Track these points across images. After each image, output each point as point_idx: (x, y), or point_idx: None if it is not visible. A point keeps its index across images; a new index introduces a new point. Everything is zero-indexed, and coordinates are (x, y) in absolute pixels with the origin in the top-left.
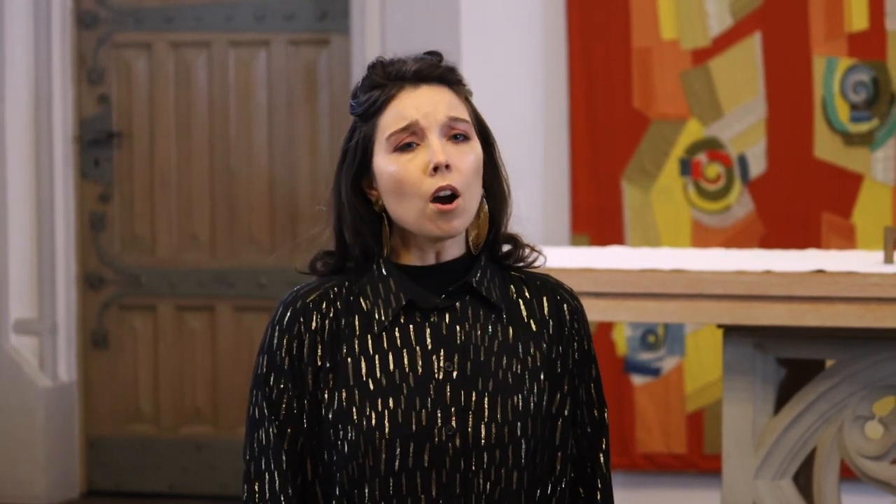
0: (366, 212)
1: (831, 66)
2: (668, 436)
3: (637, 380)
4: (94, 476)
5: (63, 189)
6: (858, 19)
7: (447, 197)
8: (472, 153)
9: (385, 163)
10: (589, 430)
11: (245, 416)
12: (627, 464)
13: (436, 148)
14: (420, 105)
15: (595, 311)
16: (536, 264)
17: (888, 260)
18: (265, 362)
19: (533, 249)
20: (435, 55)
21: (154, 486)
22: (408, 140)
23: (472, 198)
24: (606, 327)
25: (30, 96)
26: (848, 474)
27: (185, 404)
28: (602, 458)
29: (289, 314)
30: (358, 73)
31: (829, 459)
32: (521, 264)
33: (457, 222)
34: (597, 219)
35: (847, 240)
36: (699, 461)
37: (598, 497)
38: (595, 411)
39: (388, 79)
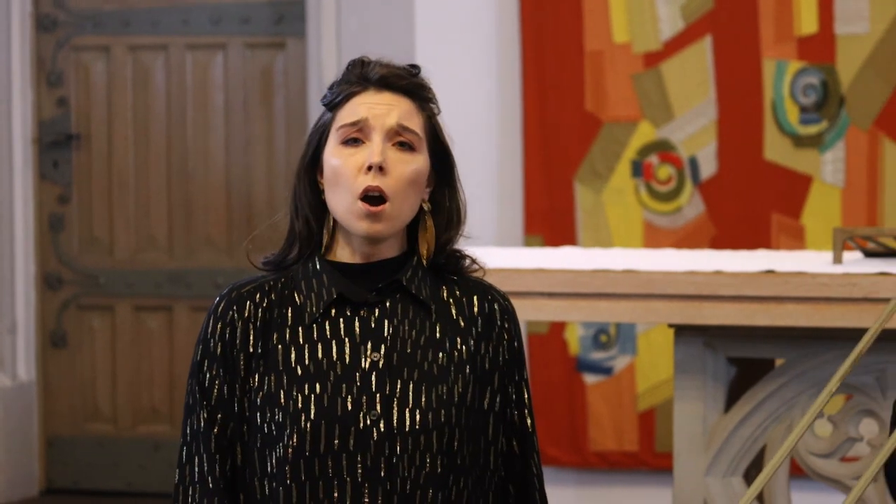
0: (314, 199)
1: (781, 69)
2: (620, 434)
3: (589, 379)
4: (52, 474)
5: (22, 190)
6: (808, 23)
7: (375, 199)
8: (412, 164)
9: (331, 154)
10: (519, 429)
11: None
12: (580, 462)
13: (375, 149)
14: (374, 106)
15: (548, 311)
16: (475, 274)
17: (837, 260)
18: (200, 350)
19: (474, 261)
20: (414, 68)
21: (112, 485)
22: (354, 135)
23: (402, 205)
24: (559, 327)
25: None
26: (798, 472)
27: (143, 404)
28: (536, 458)
29: (223, 304)
30: (314, 77)
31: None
32: (459, 273)
33: (381, 225)
34: (549, 220)
35: (797, 240)
36: (651, 459)
37: (537, 497)
38: (526, 411)
39: (359, 78)
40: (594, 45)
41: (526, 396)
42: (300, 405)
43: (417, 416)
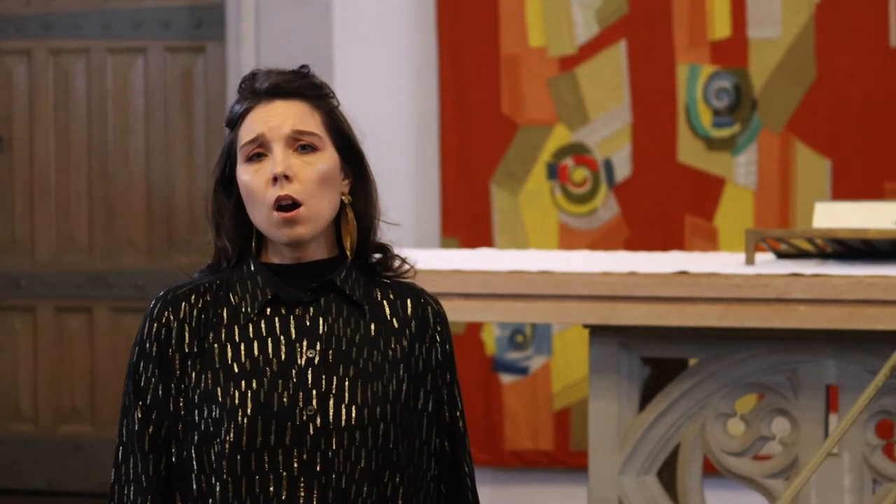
0: (237, 214)
1: (694, 73)
2: (535, 433)
3: (505, 378)
4: None
5: None
6: (721, 28)
7: (288, 206)
8: (318, 163)
9: (240, 172)
10: (451, 430)
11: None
12: (496, 460)
13: (276, 159)
14: (269, 119)
15: (465, 312)
16: (406, 275)
17: (749, 262)
18: (136, 352)
19: (404, 261)
20: (304, 68)
21: (33, 484)
22: (256, 151)
23: (318, 205)
24: (475, 327)
25: None
26: (711, 470)
27: (64, 404)
28: (468, 458)
29: (159, 306)
30: (233, 80)
31: (693, 455)
32: (391, 273)
33: (301, 228)
34: (466, 222)
35: (710, 242)
36: (566, 458)
37: (470, 497)
38: (457, 412)
39: (250, 93)
40: (510, 49)
41: (458, 398)
42: (237, 401)
43: (353, 412)
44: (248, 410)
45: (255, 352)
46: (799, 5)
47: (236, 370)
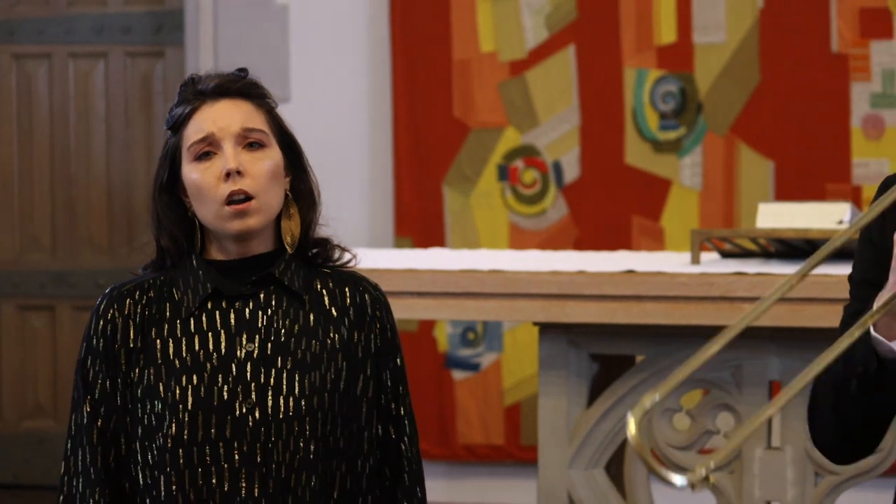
0: (180, 216)
1: (641, 77)
2: (487, 428)
3: (457, 375)
4: None
5: None
6: (667, 33)
7: (240, 200)
8: (266, 159)
9: (188, 171)
10: (394, 415)
11: None
12: (448, 454)
13: (228, 156)
14: (217, 118)
15: (417, 310)
16: (349, 265)
17: (695, 261)
18: (84, 348)
19: (344, 250)
20: (242, 71)
21: None
22: (205, 149)
23: (267, 199)
24: (428, 325)
25: None
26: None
27: (27, 399)
28: (407, 441)
29: (105, 303)
30: None
31: None
32: (332, 264)
33: (251, 220)
34: (419, 222)
35: (656, 242)
36: (516, 452)
37: (406, 480)
38: (399, 398)
39: (194, 95)
40: (462, 54)
41: (399, 384)
42: (178, 396)
43: (291, 403)
44: (189, 405)
45: (196, 347)
46: (743, 11)
47: (178, 365)
